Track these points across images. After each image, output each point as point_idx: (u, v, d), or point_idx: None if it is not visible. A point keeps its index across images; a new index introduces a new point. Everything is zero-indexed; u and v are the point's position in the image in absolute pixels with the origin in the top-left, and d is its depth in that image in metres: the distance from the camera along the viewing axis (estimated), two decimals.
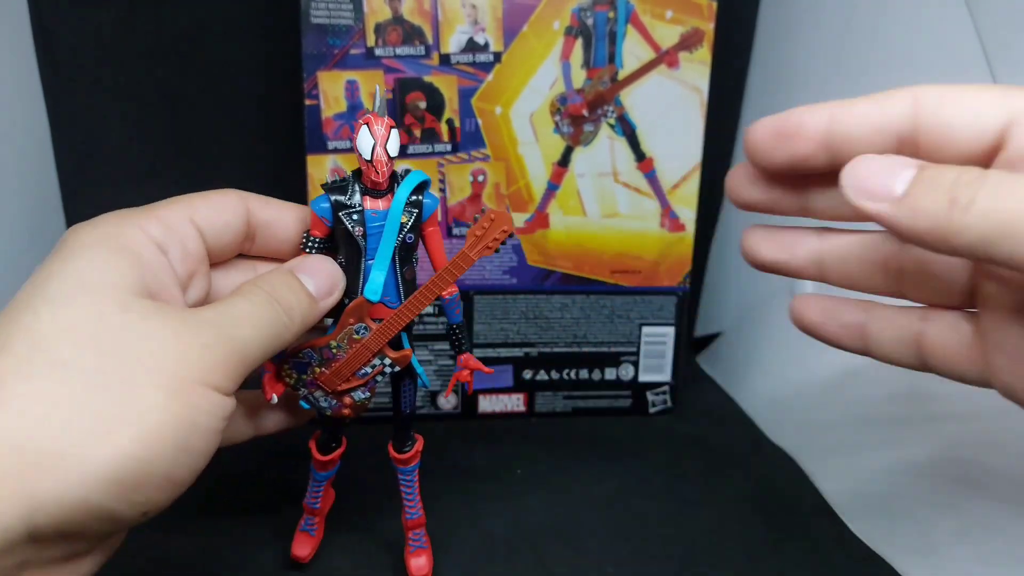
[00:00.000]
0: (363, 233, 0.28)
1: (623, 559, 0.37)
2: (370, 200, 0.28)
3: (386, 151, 0.27)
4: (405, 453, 0.33)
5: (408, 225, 0.28)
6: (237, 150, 0.55)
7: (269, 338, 0.25)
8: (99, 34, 0.51)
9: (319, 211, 0.28)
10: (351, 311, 0.28)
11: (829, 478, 0.43)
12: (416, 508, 0.34)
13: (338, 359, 0.29)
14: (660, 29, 0.45)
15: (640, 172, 0.47)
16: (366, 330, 0.29)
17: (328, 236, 0.29)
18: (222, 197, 0.27)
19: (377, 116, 0.27)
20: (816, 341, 0.47)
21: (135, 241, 0.24)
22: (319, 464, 0.32)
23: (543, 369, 0.50)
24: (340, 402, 0.30)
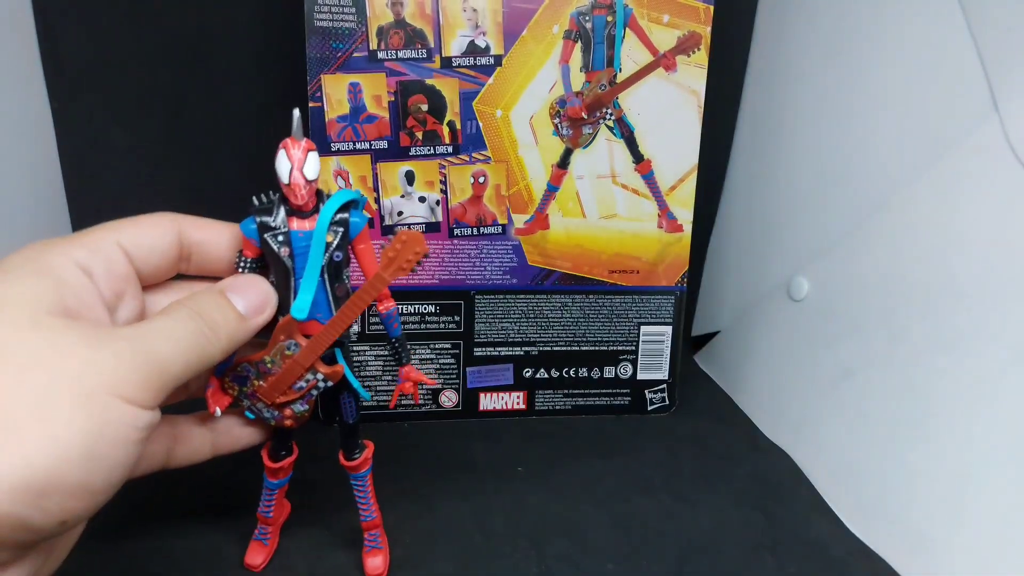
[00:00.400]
0: (289, 253, 0.28)
1: (622, 556, 0.37)
2: (296, 221, 0.28)
3: (303, 174, 0.27)
4: (354, 460, 0.33)
5: (335, 244, 0.28)
6: (240, 152, 0.55)
7: (190, 353, 0.25)
8: (104, 38, 0.51)
9: (247, 232, 0.28)
10: (280, 328, 0.29)
11: (826, 475, 0.44)
12: (371, 511, 0.34)
13: (273, 373, 0.30)
14: (658, 33, 0.45)
15: (638, 174, 0.47)
16: (296, 346, 0.29)
17: (260, 256, 0.29)
18: (151, 219, 0.28)
19: (294, 140, 0.27)
20: (813, 340, 0.47)
21: (56, 263, 0.24)
22: (270, 472, 0.33)
23: (543, 368, 0.50)
24: (281, 413, 0.31)
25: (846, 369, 0.43)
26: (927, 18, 0.40)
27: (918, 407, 0.38)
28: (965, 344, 0.36)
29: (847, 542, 0.39)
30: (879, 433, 0.40)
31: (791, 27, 0.52)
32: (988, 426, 0.34)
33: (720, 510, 0.41)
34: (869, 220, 0.43)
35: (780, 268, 0.51)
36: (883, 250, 0.42)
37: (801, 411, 0.47)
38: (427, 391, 0.50)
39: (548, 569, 0.36)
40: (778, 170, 0.53)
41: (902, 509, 0.37)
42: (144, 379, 0.23)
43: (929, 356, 0.38)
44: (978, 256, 0.36)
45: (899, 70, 0.42)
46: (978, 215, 0.36)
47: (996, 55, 0.36)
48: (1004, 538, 0.33)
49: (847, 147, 0.46)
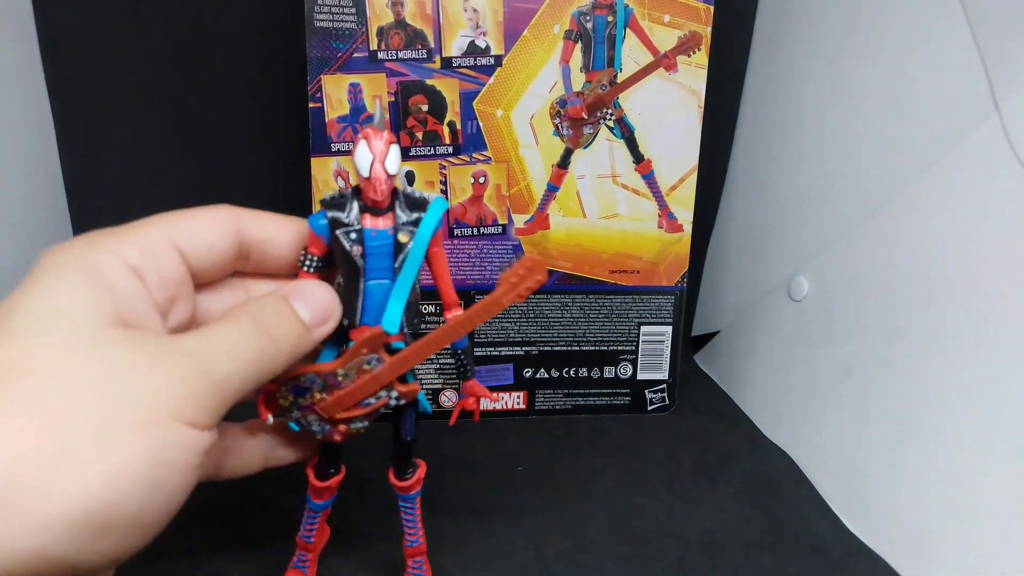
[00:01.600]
0: (361, 253, 0.26)
1: (621, 555, 0.37)
2: (370, 218, 0.26)
3: (385, 168, 0.25)
4: (406, 480, 0.31)
5: (409, 245, 0.27)
6: (241, 152, 0.56)
7: (252, 369, 0.23)
8: (104, 38, 0.51)
9: (316, 228, 0.26)
10: (365, 341, 0.26)
11: (826, 475, 0.44)
12: (417, 536, 0.32)
13: (343, 387, 0.27)
14: (658, 33, 0.45)
15: (638, 174, 0.48)
16: (379, 362, 0.27)
17: (327, 254, 0.27)
18: (208, 215, 0.26)
19: (376, 131, 0.25)
20: (813, 339, 0.47)
21: (108, 267, 0.22)
22: (315, 491, 0.31)
23: (543, 367, 0.50)
24: (334, 428, 0.28)
25: (846, 369, 0.43)
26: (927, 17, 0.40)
27: (918, 407, 0.38)
28: (965, 344, 0.36)
29: (846, 541, 0.39)
30: (879, 433, 0.40)
31: (791, 27, 0.52)
32: (988, 426, 0.34)
33: (720, 509, 0.41)
34: (869, 220, 0.43)
35: (780, 268, 0.51)
36: (883, 250, 0.42)
37: (801, 411, 0.47)
38: (427, 391, 0.50)
39: (548, 568, 0.36)
40: (778, 170, 0.53)
41: (902, 509, 0.38)
42: (204, 400, 0.21)
43: (929, 356, 0.38)
44: (978, 256, 0.36)
45: (899, 69, 0.42)
46: (978, 215, 0.36)
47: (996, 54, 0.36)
48: (1004, 538, 0.33)
49: (847, 147, 0.46)
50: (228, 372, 0.22)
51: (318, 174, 0.44)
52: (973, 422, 0.35)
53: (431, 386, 0.49)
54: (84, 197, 0.54)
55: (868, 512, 0.40)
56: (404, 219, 0.26)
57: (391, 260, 0.26)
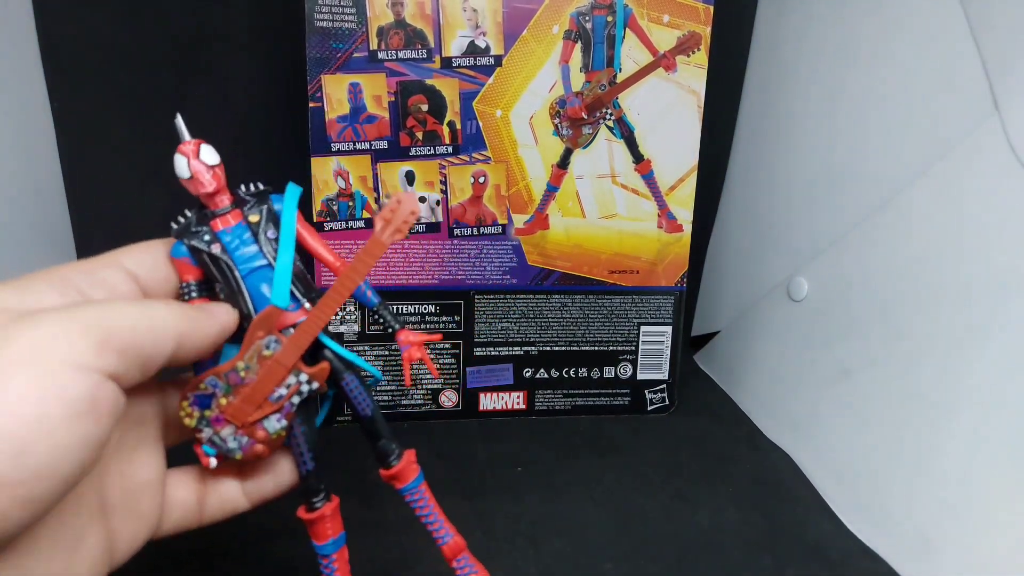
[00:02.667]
0: (222, 249, 0.26)
1: (621, 555, 0.37)
2: (219, 222, 0.26)
3: (201, 161, 0.26)
4: (394, 466, 0.28)
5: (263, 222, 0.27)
6: (241, 152, 0.56)
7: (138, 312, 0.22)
8: (104, 37, 0.51)
9: (178, 255, 0.26)
10: (259, 323, 0.25)
11: (826, 475, 0.44)
12: (445, 530, 0.29)
13: (247, 383, 0.25)
14: (658, 33, 0.45)
15: (638, 174, 0.48)
16: (277, 343, 0.26)
17: (203, 279, 0.26)
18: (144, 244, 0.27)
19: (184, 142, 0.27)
20: (813, 340, 0.47)
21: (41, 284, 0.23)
22: (313, 530, 0.28)
23: (543, 368, 0.50)
24: (252, 438, 0.26)
25: (846, 369, 0.43)
26: (927, 18, 0.40)
27: (918, 407, 0.38)
28: (965, 344, 0.36)
29: (846, 542, 0.39)
30: (879, 433, 0.40)
31: (791, 27, 0.52)
32: (988, 426, 0.34)
33: (719, 509, 0.41)
34: (869, 220, 0.43)
35: (780, 268, 0.51)
36: (883, 250, 0.42)
37: (801, 411, 0.47)
38: (428, 391, 0.50)
39: (547, 568, 0.36)
40: (778, 170, 0.53)
41: (902, 509, 0.38)
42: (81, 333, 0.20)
43: (929, 356, 0.38)
44: (978, 256, 0.36)
45: (899, 70, 0.42)
46: (978, 215, 0.36)
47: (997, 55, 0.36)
48: (1004, 538, 0.33)
49: (847, 147, 0.46)
50: (117, 317, 0.21)
51: (318, 174, 0.44)
52: (973, 422, 0.35)
53: (431, 386, 0.50)
54: (84, 197, 0.54)
55: (868, 512, 0.40)
56: (249, 203, 0.27)
57: (255, 244, 0.26)
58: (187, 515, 0.28)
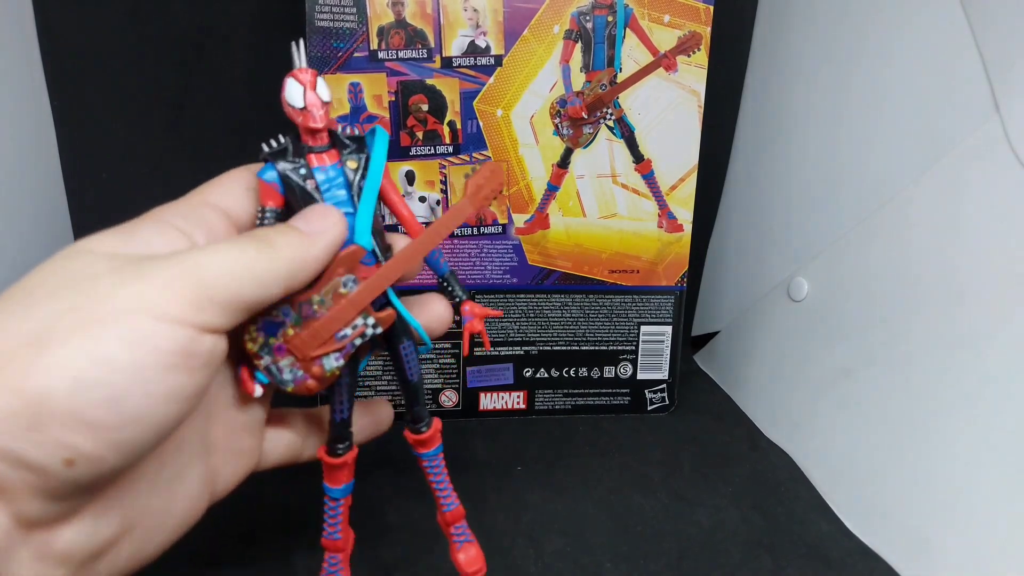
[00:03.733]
0: (315, 186, 0.26)
1: (621, 555, 0.37)
2: (315, 158, 0.26)
3: (317, 95, 0.25)
4: (423, 432, 0.30)
5: (359, 171, 0.27)
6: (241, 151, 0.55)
7: (248, 272, 0.22)
8: (105, 37, 0.51)
9: (268, 179, 0.26)
10: (342, 259, 0.26)
11: (825, 475, 0.44)
12: (451, 498, 0.31)
13: (318, 317, 0.26)
14: (658, 33, 0.45)
15: (638, 173, 0.48)
16: (355, 283, 0.26)
17: (283, 206, 0.26)
18: (232, 172, 0.27)
19: (301, 69, 0.26)
20: (813, 340, 0.47)
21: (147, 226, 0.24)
22: (330, 473, 0.29)
23: (543, 367, 0.51)
24: (307, 372, 0.26)
25: (846, 369, 0.44)
26: (928, 17, 0.40)
27: (918, 407, 0.38)
28: (965, 344, 0.36)
29: (846, 542, 0.39)
30: (879, 433, 0.40)
31: (791, 27, 0.52)
32: (988, 426, 0.34)
33: (719, 509, 0.41)
34: (869, 220, 0.43)
35: (780, 268, 0.51)
36: (883, 250, 0.42)
37: (801, 411, 0.47)
38: (427, 391, 0.50)
39: (547, 567, 0.36)
40: (778, 170, 0.53)
41: (902, 509, 0.38)
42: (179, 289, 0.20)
43: (929, 356, 0.38)
44: (978, 256, 0.36)
45: (900, 70, 0.42)
46: (979, 215, 0.36)
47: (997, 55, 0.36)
48: (1004, 538, 0.33)
49: (847, 147, 0.46)
50: (221, 271, 0.22)
51: None
52: (973, 422, 0.35)
53: (431, 386, 0.50)
54: (84, 197, 0.54)
55: (868, 512, 0.40)
56: (348, 147, 0.27)
57: (347, 189, 0.26)
58: (289, 453, 0.29)
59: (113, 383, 0.19)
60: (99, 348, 0.19)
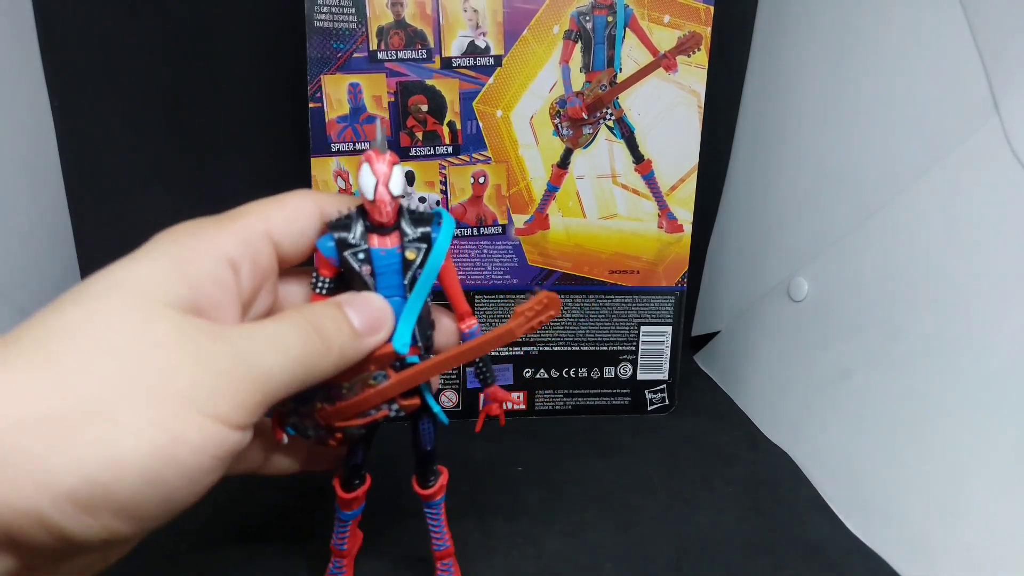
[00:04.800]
0: (371, 272, 0.26)
1: (621, 555, 0.37)
2: (376, 238, 0.26)
3: (388, 190, 0.25)
4: (429, 488, 0.32)
5: (417, 262, 0.26)
6: (241, 152, 0.56)
7: (299, 367, 0.22)
8: (104, 37, 0.51)
9: (325, 251, 0.26)
10: (376, 359, 0.26)
11: (825, 475, 0.44)
12: (443, 539, 0.33)
13: (346, 399, 0.27)
14: (658, 33, 0.45)
15: (638, 174, 0.48)
16: (384, 378, 0.27)
17: (337, 276, 0.27)
18: (297, 202, 0.26)
19: (378, 153, 0.25)
20: (813, 340, 0.47)
21: (204, 254, 0.23)
22: (343, 503, 0.31)
23: (543, 368, 0.50)
24: (329, 435, 0.28)
25: (846, 369, 0.43)
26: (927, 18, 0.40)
27: (918, 407, 0.38)
28: (965, 344, 0.36)
29: (846, 542, 0.39)
30: (879, 433, 0.40)
31: (791, 27, 0.52)
32: (987, 426, 0.34)
33: (719, 510, 0.41)
34: (869, 220, 0.43)
35: (780, 268, 0.51)
36: (883, 250, 0.42)
37: (801, 411, 0.47)
38: None
39: (547, 568, 0.36)
40: (778, 170, 0.53)
41: (901, 509, 0.38)
42: (242, 395, 0.20)
43: (929, 356, 0.38)
44: (978, 256, 0.36)
45: (899, 70, 0.42)
46: (978, 215, 0.36)
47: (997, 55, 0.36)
48: (1003, 538, 0.33)
49: (847, 147, 0.46)
50: (274, 367, 0.22)
51: (318, 174, 0.44)
52: (972, 422, 0.35)
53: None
54: (84, 197, 0.54)
55: (867, 512, 0.40)
56: (411, 235, 0.26)
57: (400, 277, 0.26)
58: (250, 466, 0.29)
59: (172, 483, 0.19)
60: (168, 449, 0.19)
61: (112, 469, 0.18)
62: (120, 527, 0.19)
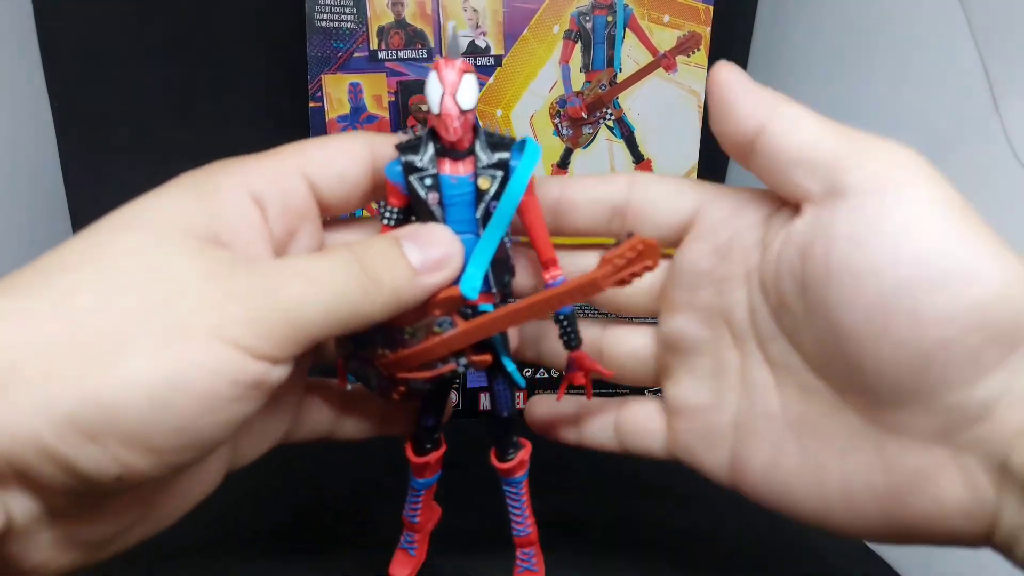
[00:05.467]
0: (439, 200, 0.23)
1: (622, 556, 0.37)
2: (449, 163, 0.23)
3: (456, 101, 0.22)
4: (509, 461, 0.29)
5: (491, 193, 0.23)
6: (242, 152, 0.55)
7: (338, 304, 0.20)
8: (104, 37, 0.51)
9: (392, 176, 0.23)
10: (440, 302, 0.23)
11: None
12: (525, 524, 0.30)
13: (408, 346, 0.24)
14: (658, 33, 0.45)
15: None
16: (451, 325, 0.24)
17: (406, 205, 0.24)
18: (341, 143, 0.24)
19: (447, 59, 0.22)
20: None
21: (227, 188, 0.22)
22: (415, 469, 0.29)
23: (543, 368, 0.50)
24: (393, 387, 0.25)
25: None
26: (927, 18, 0.40)
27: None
28: None
29: (847, 542, 0.39)
30: None
31: (791, 27, 0.52)
32: None
33: (720, 510, 0.41)
34: None
35: None
36: None
37: None
38: None
39: (547, 569, 0.36)
40: None
41: None
42: (262, 323, 0.19)
43: None
44: None
45: (899, 70, 0.42)
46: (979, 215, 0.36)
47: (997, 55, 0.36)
48: None
49: None
50: (303, 298, 0.20)
51: None
52: None
53: None
54: (84, 197, 0.54)
55: None
56: (485, 161, 0.23)
57: (472, 210, 0.24)
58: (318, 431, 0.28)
59: (184, 409, 0.18)
60: (177, 370, 0.18)
61: (114, 389, 0.17)
62: (132, 459, 0.18)
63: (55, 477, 0.17)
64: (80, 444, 0.17)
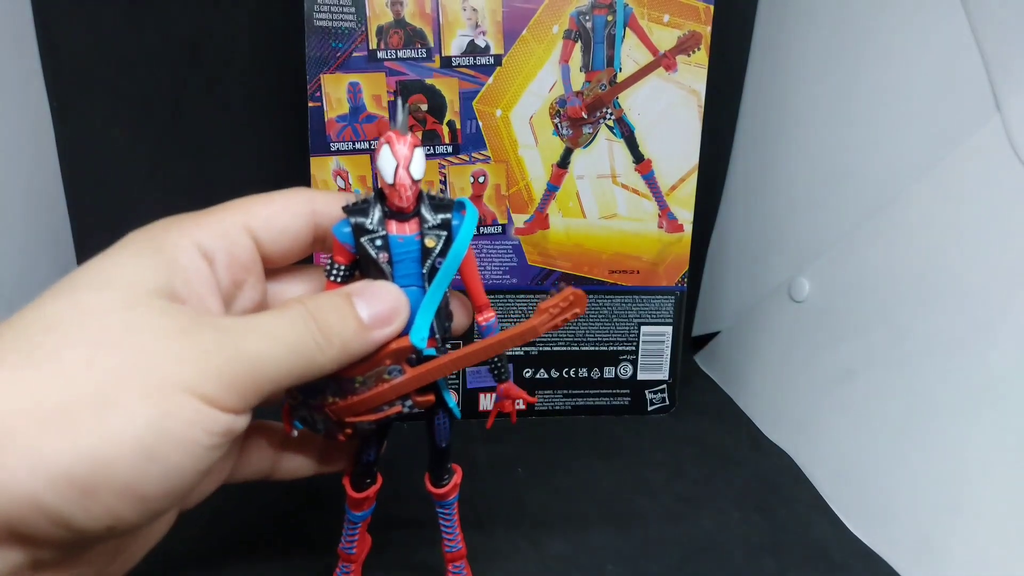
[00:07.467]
0: (388, 259, 0.25)
1: (622, 556, 0.37)
2: (395, 224, 0.25)
3: (409, 173, 0.24)
4: (443, 487, 0.31)
5: (437, 250, 0.25)
6: (241, 151, 0.56)
7: (292, 357, 0.22)
8: (104, 37, 0.51)
9: (340, 236, 0.25)
10: (391, 353, 0.25)
11: (827, 476, 0.44)
12: (456, 541, 0.32)
13: (358, 393, 0.26)
14: (658, 32, 0.45)
15: (638, 174, 0.47)
16: (400, 373, 0.26)
17: (352, 263, 0.26)
18: (285, 199, 0.26)
19: (399, 134, 0.24)
20: (814, 340, 0.47)
21: (175, 244, 0.23)
22: (353, 503, 0.30)
23: (543, 368, 0.50)
24: (340, 430, 0.27)
25: (847, 370, 0.43)
26: (928, 17, 0.40)
27: (919, 408, 0.38)
28: (966, 344, 0.36)
29: (848, 543, 0.38)
30: (880, 434, 0.40)
31: (791, 27, 0.52)
32: (989, 427, 0.34)
33: (720, 511, 0.41)
34: (870, 220, 0.43)
35: (781, 268, 0.51)
36: (884, 250, 0.42)
37: (802, 412, 0.47)
38: None
39: (547, 569, 0.36)
40: (778, 170, 0.53)
41: (903, 510, 0.37)
42: (229, 378, 0.20)
43: (930, 356, 0.38)
44: (979, 256, 0.36)
45: (900, 69, 0.42)
46: (979, 215, 0.36)
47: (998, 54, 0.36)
48: (1007, 540, 0.33)
49: (848, 147, 0.46)
50: (263, 353, 0.21)
51: (317, 173, 0.44)
52: (974, 423, 0.35)
53: None
54: (84, 197, 0.54)
55: (869, 513, 0.39)
56: (431, 222, 0.25)
57: (419, 266, 0.25)
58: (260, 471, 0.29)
59: (169, 458, 0.19)
60: (162, 423, 0.19)
61: (107, 444, 0.18)
62: (123, 510, 0.19)
63: (49, 532, 0.18)
64: (76, 499, 0.18)
